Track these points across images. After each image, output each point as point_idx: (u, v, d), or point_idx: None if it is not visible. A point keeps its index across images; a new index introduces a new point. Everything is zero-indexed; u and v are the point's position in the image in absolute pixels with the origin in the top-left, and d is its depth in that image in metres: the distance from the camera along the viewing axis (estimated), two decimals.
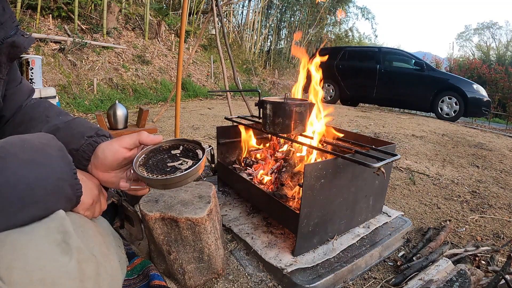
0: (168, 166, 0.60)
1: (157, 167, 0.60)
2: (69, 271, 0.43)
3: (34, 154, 0.46)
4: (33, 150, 0.47)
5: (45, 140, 0.50)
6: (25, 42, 0.62)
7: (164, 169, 0.59)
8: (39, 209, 0.45)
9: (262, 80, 9.68)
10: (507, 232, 1.34)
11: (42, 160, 0.46)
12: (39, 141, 0.49)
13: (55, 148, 0.50)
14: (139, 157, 0.62)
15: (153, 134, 0.64)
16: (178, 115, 2.49)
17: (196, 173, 0.59)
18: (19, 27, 0.63)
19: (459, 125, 4.64)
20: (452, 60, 16.03)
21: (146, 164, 0.61)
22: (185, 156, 0.64)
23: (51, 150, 0.49)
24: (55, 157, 0.49)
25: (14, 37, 0.60)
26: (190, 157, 0.63)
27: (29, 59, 2.40)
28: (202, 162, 0.60)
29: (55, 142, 0.51)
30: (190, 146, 0.67)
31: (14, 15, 0.63)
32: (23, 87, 0.73)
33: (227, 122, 1.45)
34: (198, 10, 8.44)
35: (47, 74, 4.33)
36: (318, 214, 0.96)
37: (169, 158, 0.63)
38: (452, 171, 2.16)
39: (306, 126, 1.14)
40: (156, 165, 0.61)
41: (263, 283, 0.92)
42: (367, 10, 13.73)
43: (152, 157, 0.63)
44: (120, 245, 0.71)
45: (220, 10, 2.81)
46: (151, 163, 0.61)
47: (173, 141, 0.68)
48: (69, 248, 0.45)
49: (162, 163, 0.61)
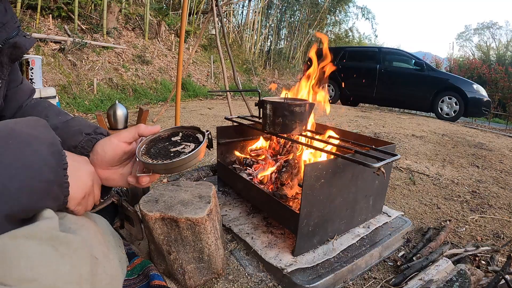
0: (171, 151, 0.61)
1: (160, 154, 0.60)
2: (65, 274, 0.41)
3: (19, 154, 0.42)
4: (19, 147, 0.43)
5: (36, 131, 0.46)
6: (26, 43, 0.62)
7: (168, 155, 0.60)
8: (24, 213, 0.43)
9: (262, 80, 9.67)
10: (507, 232, 1.34)
11: (28, 159, 0.43)
12: (28, 132, 0.45)
13: (45, 141, 0.46)
14: (141, 148, 0.62)
15: (150, 125, 0.65)
16: (178, 115, 2.49)
17: (200, 155, 0.60)
18: (21, 28, 0.63)
19: (459, 125, 4.64)
20: (452, 60, 16.03)
21: (149, 152, 0.61)
22: (186, 141, 0.64)
23: (40, 145, 0.45)
24: (44, 153, 0.45)
25: (16, 38, 0.60)
26: (191, 141, 0.64)
27: (29, 59, 2.40)
28: (204, 145, 0.61)
29: (46, 133, 0.47)
30: (189, 132, 0.68)
31: (15, 16, 0.63)
32: (24, 87, 0.73)
33: (227, 122, 1.45)
34: (198, 10, 8.44)
35: (47, 74, 4.33)
36: (318, 214, 0.96)
37: (171, 145, 0.64)
38: (452, 171, 2.16)
39: (306, 126, 1.14)
40: (159, 152, 0.61)
41: (263, 283, 0.92)
42: (367, 10, 13.73)
43: (153, 146, 0.64)
44: (120, 245, 0.71)
45: (220, 10, 2.81)
46: (154, 151, 0.61)
47: (172, 129, 0.69)
48: (63, 249, 0.43)
49: (165, 149, 0.62)
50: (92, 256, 0.48)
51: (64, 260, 0.42)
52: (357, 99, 7.01)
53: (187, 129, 0.68)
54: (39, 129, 0.47)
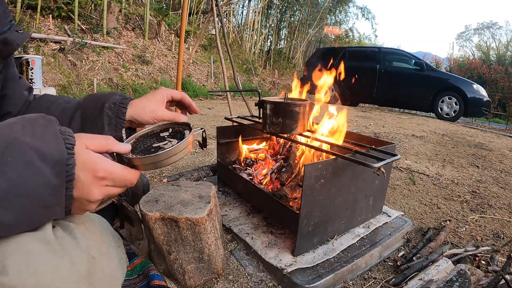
0: (153, 147, 0.60)
1: (144, 150, 0.60)
2: (63, 273, 0.41)
3: (17, 179, 0.36)
4: (18, 167, 0.37)
5: (42, 143, 0.39)
6: (18, 39, 0.60)
7: (150, 150, 0.59)
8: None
9: (262, 80, 9.67)
10: (507, 232, 1.34)
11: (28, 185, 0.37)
12: (32, 146, 0.38)
13: (51, 159, 0.39)
14: (130, 141, 0.62)
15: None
16: None
17: (182, 151, 0.58)
18: (13, 23, 0.61)
19: (459, 125, 4.64)
20: (452, 60, 16.02)
21: (135, 147, 0.61)
22: (173, 137, 0.64)
23: (43, 164, 0.39)
24: (47, 174, 0.39)
25: (6, 34, 0.58)
26: (177, 138, 0.63)
27: (29, 59, 2.40)
28: (188, 140, 0.59)
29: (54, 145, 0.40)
30: (179, 128, 0.67)
31: (8, 10, 0.61)
32: (22, 82, 0.73)
33: (227, 122, 1.45)
34: (198, 10, 8.44)
35: (47, 74, 4.33)
36: (318, 214, 0.96)
37: (157, 140, 0.63)
38: (452, 171, 2.16)
39: (306, 126, 1.14)
40: (144, 148, 0.61)
41: (263, 283, 0.92)
42: (367, 10, 13.75)
43: (142, 141, 0.64)
44: (120, 245, 0.71)
45: (220, 10, 2.81)
46: (140, 148, 0.61)
47: (164, 125, 0.69)
48: (62, 248, 0.43)
49: (149, 145, 0.62)
50: (89, 256, 0.47)
51: (63, 259, 0.42)
52: (357, 99, 7.00)
53: (179, 125, 0.68)
54: (46, 139, 0.40)
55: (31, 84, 0.78)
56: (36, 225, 0.42)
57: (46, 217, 0.43)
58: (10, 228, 0.39)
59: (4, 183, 0.36)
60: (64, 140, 0.42)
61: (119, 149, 0.51)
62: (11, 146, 0.37)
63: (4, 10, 0.59)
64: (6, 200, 0.36)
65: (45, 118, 0.43)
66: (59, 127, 0.43)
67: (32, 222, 0.41)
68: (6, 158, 0.37)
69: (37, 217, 0.41)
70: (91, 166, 0.44)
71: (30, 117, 0.42)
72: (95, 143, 0.47)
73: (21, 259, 0.39)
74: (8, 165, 0.36)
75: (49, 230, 0.44)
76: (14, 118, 0.42)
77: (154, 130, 0.67)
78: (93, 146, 0.46)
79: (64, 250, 0.43)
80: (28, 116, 0.42)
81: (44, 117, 0.44)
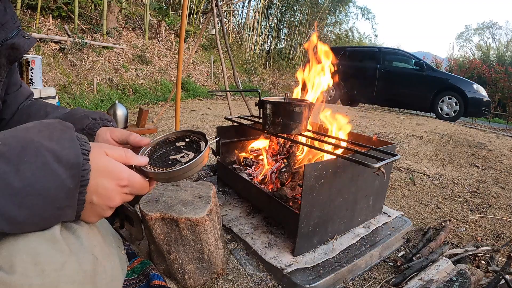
0: (170, 159, 0.60)
1: (160, 160, 0.60)
2: (70, 272, 0.41)
3: (32, 178, 0.37)
4: (34, 167, 0.38)
5: (58, 146, 0.40)
6: (25, 44, 0.61)
7: (167, 162, 0.59)
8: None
9: (262, 80, 9.67)
10: (507, 232, 1.34)
11: (43, 185, 0.38)
12: (48, 147, 0.39)
13: (67, 162, 0.40)
14: (146, 150, 0.62)
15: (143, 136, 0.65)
16: (178, 115, 2.49)
17: (198, 166, 0.59)
18: (21, 28, 0.62)
19: (459, 125, 4.64)
20: (452, 60, 16.02)
21: (152, 156, 0.61)
22: (189, 148, 0.64)
23: (59, 166, 0.39)
24: (63, 176, 0.40)
25: (14, 39, 0.59)
26: (193, 149, 0.63)
27: (29, 59, 2.40)
28: (204, 154, 0.60)
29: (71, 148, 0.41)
30: (195, 138, 0.67)
31: (16, 16, 0.62)
32: (23, 90, 0.73)
33: (227, 122, 1.45)
34: (198, 10, 8.44)
35: (47, 74, 4.33)
36: (318, 214, 0.96)
37: (173, 151, 0.63)
38: (452, 171, 2.16)
39: (306, 126, 1.14)
40: (160, 158, 0.61)
41: (263, 283, 0.92)
42: (367, 10, 13.73)
43: (158, 149, 0.63)
44: (120, 245, 0.71)
45: (220, 10, 2.81)
46: (156, 156, 0.61)
47: (180, 132, 0.68)
48: (68, 247, 0.43)
49: (166, 156, 0.62)
50: (93, 256, 0.48)
51: (70, 259, 0.42)
52: (357, 99, 7.00)
53: (195, 134, 0.68)
54: (63, 142, 0.42)
55: (32, 91, 0.78)
56: (46, 225, 0.42)
57: (57, 218, 0.43)
58: (21, 226, 0.39)
59: (19, 181, 0.37)
60: (80, 146, 0.43)
61: (138, 162, 0.54)
62: (27, 147, 0.38)
63: (12, 15, 0.60)
64: (20, 198, 0.37)
65: (62, 124, 0.45)
66: (76, 134, 0.45)
67: (43, 222, 0.41)
68: (22, 158, 0.37)
69: (48, 217, 0.41)
70: (116, 174, 0.47)
71: (48, 122, 0.44)
72: (115, 153, 0.49)
73: (29, 258, 0.39)
74: (24, 164, 0.37)
75: (57, 230, 0.44)
76: (31, 122, 0.43)
77: (170, 137, 0.67)
78: (113, 156, 0.49)
79: (71, 250, 0.43)
80: (46, 121, 0.44)
81: (61, 123, 0.45)
